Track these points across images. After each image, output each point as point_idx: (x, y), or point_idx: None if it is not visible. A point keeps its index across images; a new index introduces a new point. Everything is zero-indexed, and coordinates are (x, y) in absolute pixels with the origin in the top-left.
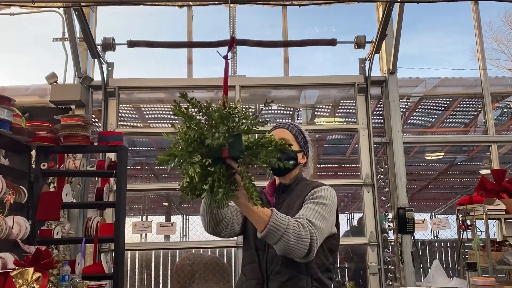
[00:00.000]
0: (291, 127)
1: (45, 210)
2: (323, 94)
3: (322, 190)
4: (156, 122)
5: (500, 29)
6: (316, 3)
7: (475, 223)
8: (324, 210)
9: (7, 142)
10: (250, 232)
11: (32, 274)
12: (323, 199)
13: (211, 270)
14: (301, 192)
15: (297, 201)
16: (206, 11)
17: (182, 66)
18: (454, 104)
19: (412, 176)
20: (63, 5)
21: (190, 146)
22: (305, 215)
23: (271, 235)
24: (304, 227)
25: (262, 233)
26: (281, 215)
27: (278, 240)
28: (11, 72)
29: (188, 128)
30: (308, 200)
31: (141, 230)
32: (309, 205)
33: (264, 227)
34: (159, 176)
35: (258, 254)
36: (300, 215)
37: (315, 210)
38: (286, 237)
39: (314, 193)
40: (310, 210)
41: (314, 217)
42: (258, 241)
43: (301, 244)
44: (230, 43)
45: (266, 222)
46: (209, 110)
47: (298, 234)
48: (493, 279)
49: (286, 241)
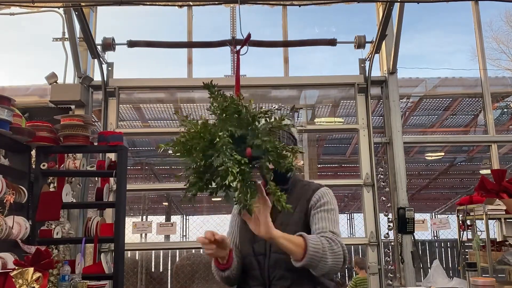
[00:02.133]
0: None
1: (45, 210)
2: (323, 94)
3: (325, 195)
4: (156, 122)
5: (501, 29)
6: (316, 3)
7: (475, 223)
8: (334, 215)
9: (7, 142)
10: (244, 239)
11: (32, 274)
12: (330, 204)
13: (211, 270)
14: (300, 195)
15: (298, 205)
16: (206, 11)
17: (182, 66)
18: (454, 104)
19: (412, 176)
20: (63, 5)
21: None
22: (326, 227)
23: (311, 263)
24: (334, 241)
25: (301, 262)
26: (314, 239)
27: (317, 264)
28: (11, 72)
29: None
30: (317, 209)
31: (141, 230)
32: (321, 214)
33: (303, 257)
34: (159, 176)
35: (258, 259)
36: (321, 229)
37: (330, 219)
38: (324, 259)
39: (318, 199)
40: (327, 221)
41: (333, 225)
42: (256, 246)
43: (337, 260)
44: (246, 39)
45: (303, 252)
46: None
47: (333, 251)
48: (493, 279)
49: (325, 263)
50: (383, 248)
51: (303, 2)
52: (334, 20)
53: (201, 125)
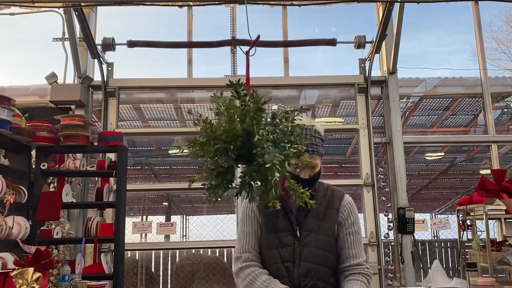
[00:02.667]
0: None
1: (45, 210)
2: (323, 94)
3: (352, 211)
4: (156, 122)
5: (501, 29)
6: (316, 3)
7: (475, 223)
8: (360, 232)
9: (7, 142)
10: (273, 245)
11: (32, 274)
12: (357, 224)
13: (211, 270)
14: (325, 201)
15: (328, 212)
16: (206, 11)
17: (182, 66)
18: (454, 104)
19: (412, 176)
20: (63, 5)
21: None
22: (359, 255)
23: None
24: (369, 275)
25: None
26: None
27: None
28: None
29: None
30: (347, 230)
31: (141, 230)
32: (353, 238)
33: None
34: (159, 176)
35: (286, 266)
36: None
37: (359, 243)
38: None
39: (348, 216)
40: (357, 246)
41: (362, 250)
42: (284, 253)
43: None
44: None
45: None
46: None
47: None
48: (493, 279)
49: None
50: (383, 248)
51: (303, 2)
52: (334, 20)
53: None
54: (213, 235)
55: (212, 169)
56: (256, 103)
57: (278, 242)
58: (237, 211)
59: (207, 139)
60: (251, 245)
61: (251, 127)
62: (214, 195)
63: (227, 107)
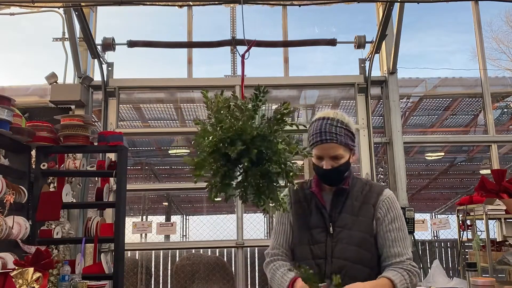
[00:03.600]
0: (339, 137)
1: (45, 210)
2: (323, 94)
3: (392, 206)
4: (156, 122)
5: (500, 29)
6: (316, 3)
7: (475, 223)
8: (405, 230)
9: (7, 142)
10: (305, 241)
11: (32, 274)
12: (399, 220)
13: (211, 270)
14: (361, 195)
15: (362, 208)
16: (206, 11)
17: (182, 66)
18: (454, 104)
19: (412, 176)
20: (63, 5)
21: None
22: (403, 253)
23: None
24: (413, 273)
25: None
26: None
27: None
28: (11, 72)
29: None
30: (387, 226)
31: (141, 230)
32: (394, 234)
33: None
34: (159, 176)
35: (318, 263)
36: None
37: (403, 240)
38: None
39: (387, 211)
40: (401, 243)
41: (407, 246)
42: (316, 249)
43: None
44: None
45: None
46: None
47: (413, 285)
48: (493, 279)
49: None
50: None
51: (303, 2)
52: (334, 20)
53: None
54: (213, 235)
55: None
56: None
57: (310, 238)
58: (237, 211)
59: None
60: (279, 242)
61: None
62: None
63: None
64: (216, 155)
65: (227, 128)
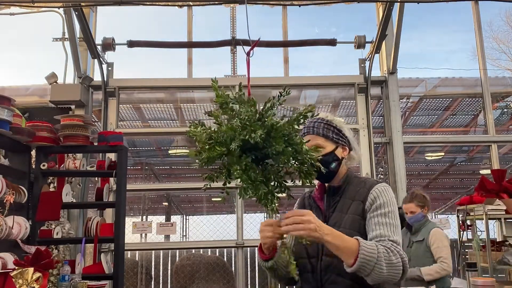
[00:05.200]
0: (316, 129)
1: (45, 210)
2: (323, 94)
3: (381, 195)
4: (156, 122)
5: (500, 28)
6: (316, 3)
7: (475, 223)
8: (393, 218)
9: (7, 142)
10: (298, 241)
11: (32, 274)
12: (387, 206)
13: (211, 270)
14: (354, 193)
15: (352, 205)
16: (206, 11)
17: (182, 66)
18: (454, 104)
19: (412, 176)
20: (63, 5)
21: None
22: (384, 235)
23: (362, 268)
24: (393, 251)
25: (353, 267)
26: (369, 245)
27: (370, 271)
28: (11, 72)
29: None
30: (373, 213)
31: (141, 230)
32: (378, 219)
33: (354, 261)
34: (159, 176)
35: (311, 262)
36: (379, 237)
37: (388, 224)
38: (378, 268)
39: (374, 200)
40: (384, 226)
41: (392, 232)
42: (310, 249)
43: (394, 271)
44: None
45: (355, 255)
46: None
47: (390, 261)
48: (493, 279)
49: (379, 272)
50: None
51: (303, 2)
52: (334, 20)
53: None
54: (213, 235)
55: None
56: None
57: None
58: (237, 211)
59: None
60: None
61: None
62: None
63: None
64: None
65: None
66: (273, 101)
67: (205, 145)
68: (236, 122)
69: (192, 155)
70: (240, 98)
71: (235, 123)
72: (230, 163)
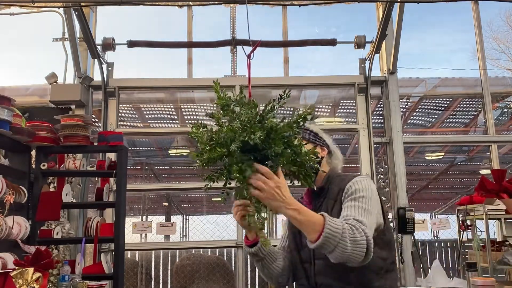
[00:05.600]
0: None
1: (45, 210)
2: (323, 94)
3: (356, 183)
4: (156, 122)
5: (500, 28)
6: (316, 3)
7: (475, 223)
8: (365, 203)
9: (7, 142)
10: (293, 247)
11: (32, 274)
12: (360, 192)
13: (211, 270)
14: (336, 192)
15: (336, 204)
16: (206, 11)
17: (182, 66)
18: (454, 104)
19: (412, 176)
20: (63, 5)
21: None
22: (350, 215)
23: (326, 244)
24: (357, 228)
25: (316, 242)
26: (335, 220)
27: (334, 248)
28: (11, 72)
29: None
30: (346, 199)
31: (141, 230)
32: (349, 203)
33: (318, 237)
34: (159, 176)
35: (305, 267)
36: (345, 216)
37: (356, 207)
38: (342, 244)
39: (348, 189)
40: (352, 208)
41: (359, 213)
42: (303, 254)
43: (358, 249)
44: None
45: (319, 231)
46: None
47: (353, 238)
48: (493, 279)
49: (343, 249)
50: None
51: (303, 2)
52: (334, 20)
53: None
54: (213, 235)
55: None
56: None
57: (300, 244)
58: None
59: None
60: (281, 245)
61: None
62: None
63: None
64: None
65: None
66: (273, 104)
67: (206, 146)
68: (237, 123)
69: (193, 157)
70: (241, 100)
71: (236, 125)
72: (230, 164)
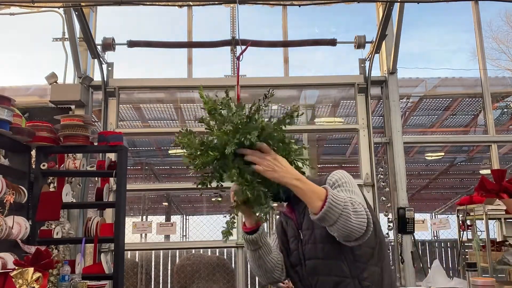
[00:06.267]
0: None
1: (45, 210)
2: (323, 94)
3: (334, 175)
4: (156, 122)
5: (500, 29)
6: (316, 3)
7: (475, 223)
8: (349, 186)
9: (7, 142)
10: (284, 253)
11: (32, 274)
12: (341, 179)
13: (211, 270)
14: None
15: None
16: (206, 11)
17: (182, 66)
18: (454, 104)
19: (412, 176)
20: (63, 5)
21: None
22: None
23: (331, 212)
24: (355, 202)
25: (321, 211)
26: (337, 193)
27: (337, 218)
28: (11, 72)
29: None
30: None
31: (141, 230)
32: (335, 191)
33: (322, 206)
34: (159, 176)
35: (296, 270)
36: None
37: (344, 190)
38: (346, 213)
39: (328, 182)
40: (341, 193)
41: (350, 194)
42: (292, 258)
43: (360, 219)
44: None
45: (323, 200)
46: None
47: (356, 211)
48: (493, 279)
49: (346, 218)
50: None
51: (303, 2)
52: (334, 20)
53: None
54: (213, 235)
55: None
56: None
57: (289, 249)
58: None
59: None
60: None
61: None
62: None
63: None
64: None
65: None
66: (259, 104)
67: (197, 151)
68: (228, 126)
69: (186, 162)
70: (227, 103)
71: (227, 128)
72: (223, 167)
